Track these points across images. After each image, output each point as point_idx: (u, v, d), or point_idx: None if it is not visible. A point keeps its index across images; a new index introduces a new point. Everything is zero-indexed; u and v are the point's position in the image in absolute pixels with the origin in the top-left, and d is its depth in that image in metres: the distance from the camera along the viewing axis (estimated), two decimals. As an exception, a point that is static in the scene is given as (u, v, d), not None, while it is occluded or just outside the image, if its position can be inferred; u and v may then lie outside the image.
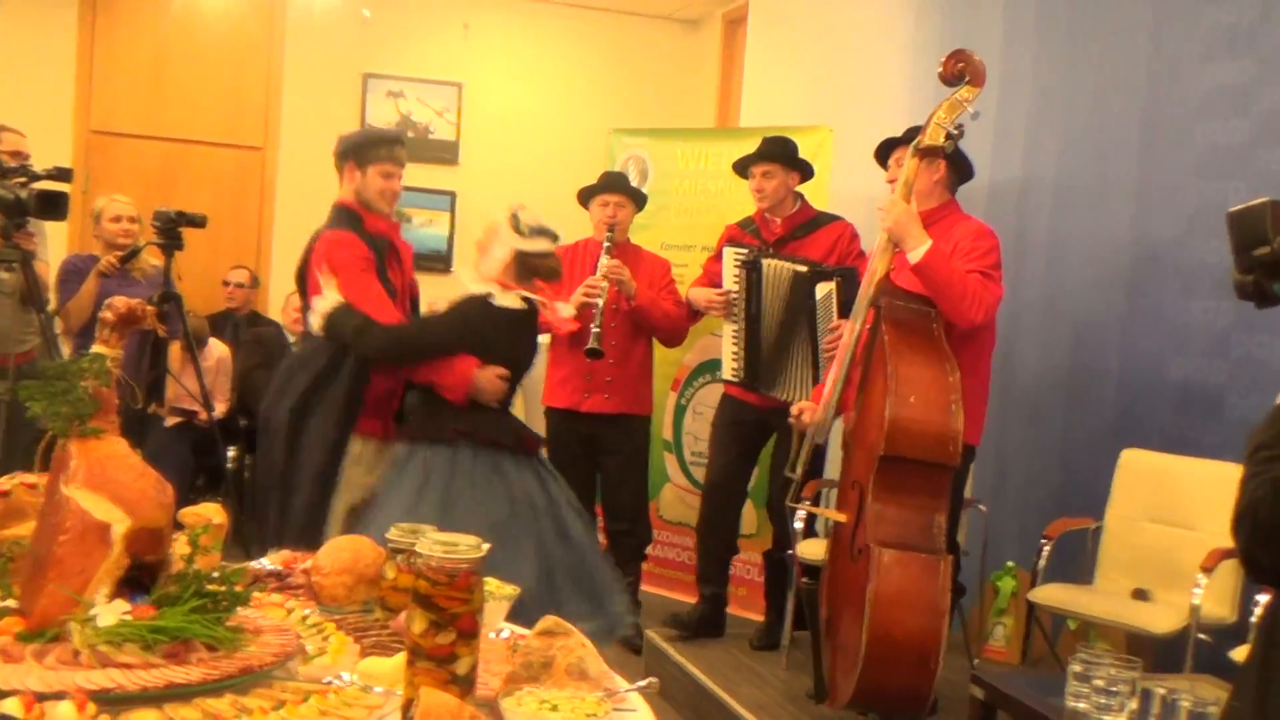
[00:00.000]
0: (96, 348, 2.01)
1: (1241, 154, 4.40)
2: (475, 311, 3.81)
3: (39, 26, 7.73)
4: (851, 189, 5.69)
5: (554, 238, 3.92)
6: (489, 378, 3.81)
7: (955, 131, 3.76)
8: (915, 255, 3.68)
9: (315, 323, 3.85)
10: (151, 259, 5.39)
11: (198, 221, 4.99)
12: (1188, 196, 4.64)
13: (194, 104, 8.03)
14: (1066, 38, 5.20)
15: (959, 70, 3.75)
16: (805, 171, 5.10)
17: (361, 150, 4.09)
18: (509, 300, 3.82)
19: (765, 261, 4.91)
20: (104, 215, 5.34)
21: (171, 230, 4.85)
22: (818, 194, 5.37)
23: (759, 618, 5.34)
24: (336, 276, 3.87)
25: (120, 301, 2.04)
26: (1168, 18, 4.76)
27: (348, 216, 4.06)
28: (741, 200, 5.40)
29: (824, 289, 4.70)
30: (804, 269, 4.85)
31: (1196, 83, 4.63)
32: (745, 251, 5.02)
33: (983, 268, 3.82)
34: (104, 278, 5.15)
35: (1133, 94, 4.87)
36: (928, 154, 3.82)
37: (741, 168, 5.09)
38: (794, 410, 4.15)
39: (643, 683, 1.96)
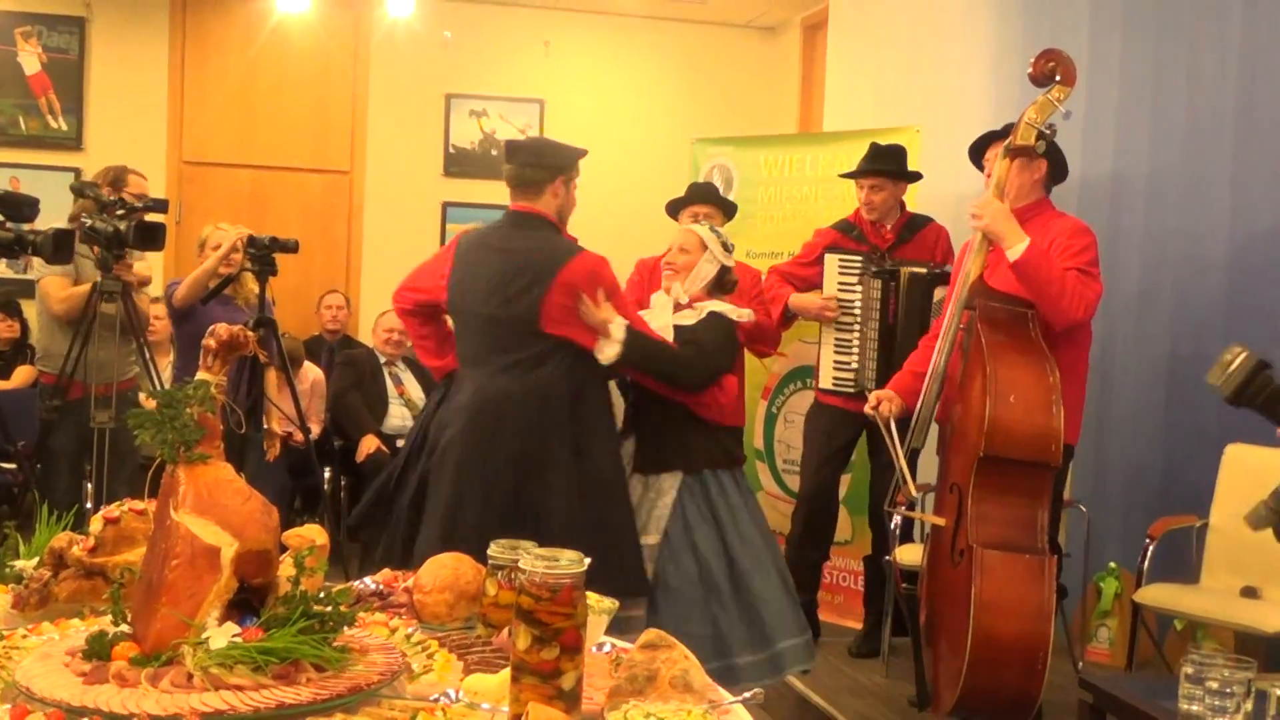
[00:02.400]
0: (200, 374, 2.04)
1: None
2: (731, 329, 3.89)
3: (132, 62, 7.94)
4: (938, 189, 5.62)
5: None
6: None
7: (1047, 131, 3.70)
8: (1014, 253, 3.63)
9: (612, 352, 3.60)
10: (253, 286, 5.48)
11: (290, 247, 5.05)
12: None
13: (282, 130, 8.19)
14: (1155, 28, 5.09)
15: (1050, 70, 3.69)
16: (914, 179, 5.07)
17: (573, 161, 3.84)
18: (743, 315, 3.94)
19: (905, 271, 4.84)
20: (208, 244, 5.40)
21: (265, 256, 4.92)
22: (906, 194, 5.32)
23: (856, 625, 5.30)
24: (613, 300, 3.67)
25: (223, 328, 2.07)
26: (1258, 2, 4.65)
27: (557, 232, 3.78)
28: (828, 205, 5.37)
29: (941, 292, 4.65)
30: (923, 271, 4.80)
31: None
32: (858, 259, 4.95)
33: (1080, 265, 3.74)
34: (209, 304, 5.20)
35: (1225, 82, 4.76)
36: (1019, 154, 3.76)
37: (852, 177, 5.07)
38: (871, 400, 4.07)
39: (747, 694, 1.95)
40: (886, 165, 4.99)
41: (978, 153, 4.15)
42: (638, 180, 8.09)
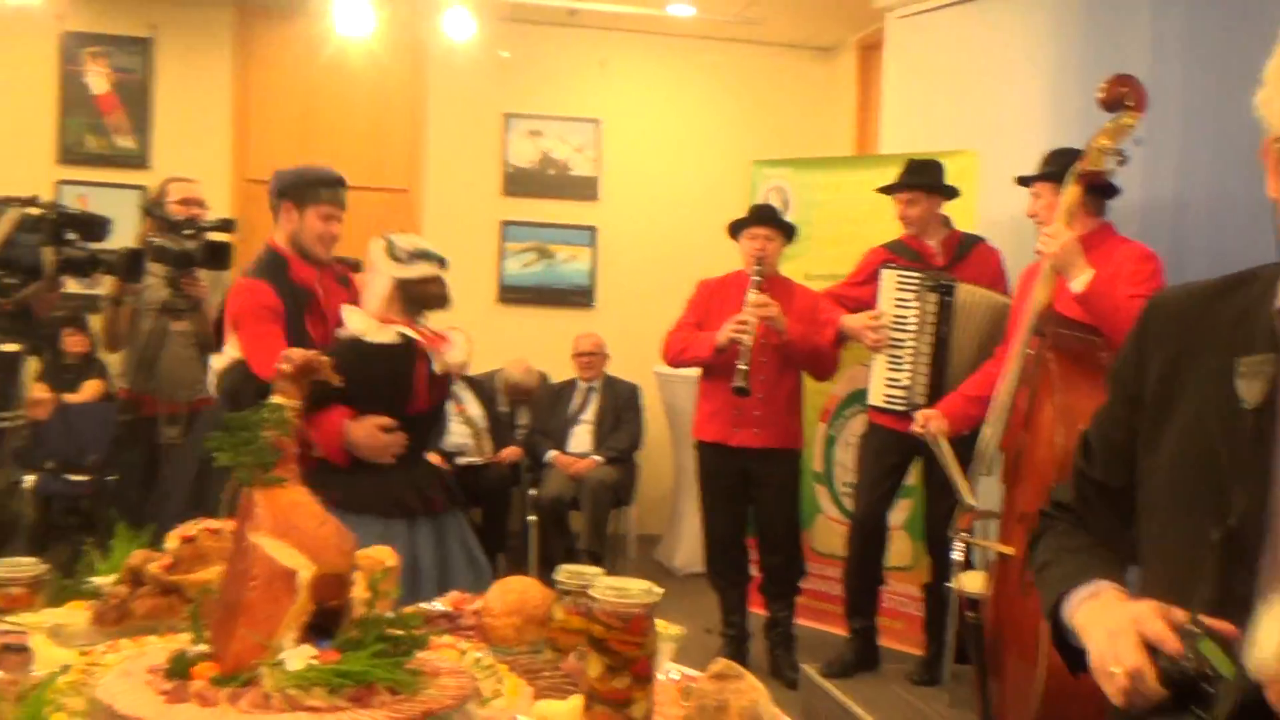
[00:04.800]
0: (276, 398, 2.07)
1: None
2: (346, 356, 3.28)
3: (197, 81, 8.06)
4: (998, 211, 5.58)
5: (439, 261, 3.66)
6: (368, 431, 3.47)
7: (1121, 157, 3.68)
8: (1078, 284, 3.61)
9: (211, 381, 3.62)
10: None
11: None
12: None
13: (343, 148, 8.27)
14: (1217, 49, 5.04)
15: (1120, 95, 3.67)
16: (949, 194, 5.03)
17: (302, 189, 3.78)
18: (383, 336, 3.50)
19: (961, 287, 4.81)
20: None
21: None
22: (965, 217, 5.30)
23: (917, 651, 5.25)
24: (239, 329, 3.61)
25: (297, 353, 2.10)
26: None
27: (271, 262, 3.78)
28: (885, 226, 5.35)
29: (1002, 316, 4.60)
30: (1006, 300, 4.72)
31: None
32: (919, 275, 4.91)
33: (1147, 292, 3.69)
34: None
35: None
36: (1090, 179, 3.74)
37: (887, 192, 5.05)
38: (919, 419, 4.04)
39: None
40: (920, 179, 4.97)
41: (1027, 181, 4.13)
42: (696, 200, 8.12)
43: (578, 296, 8.48)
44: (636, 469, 7.60)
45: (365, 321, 3.52)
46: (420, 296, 3.63)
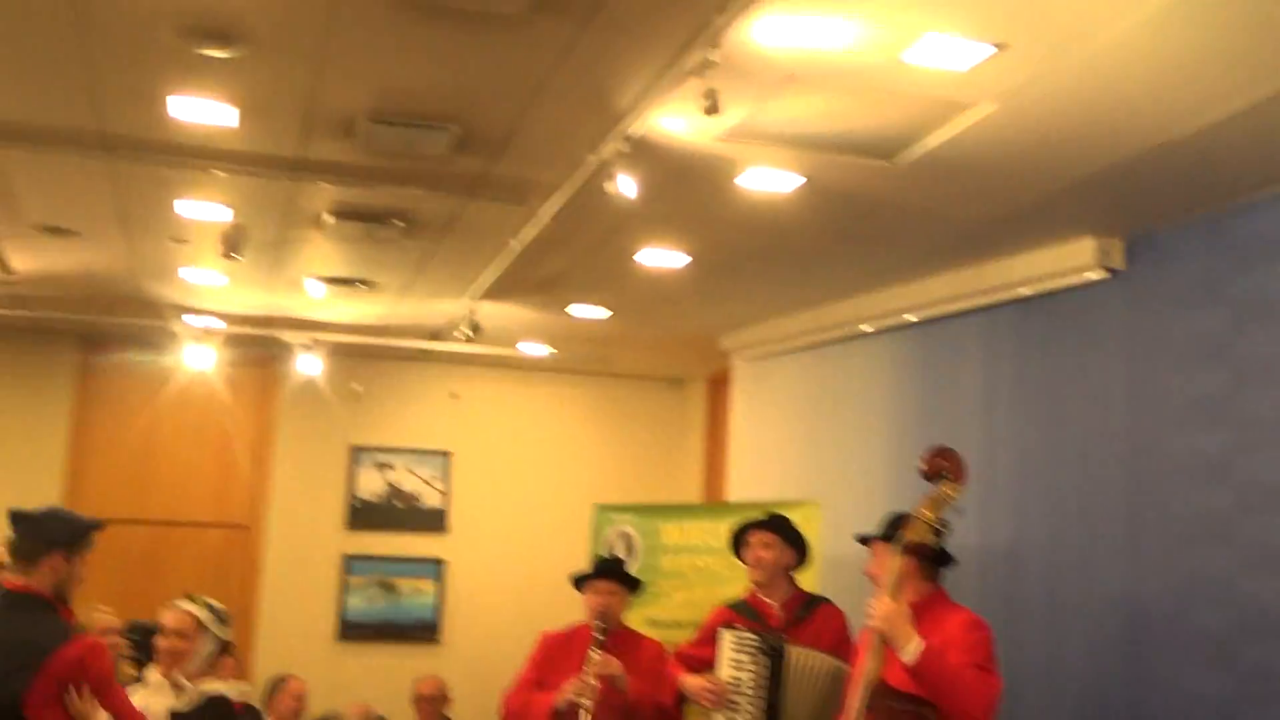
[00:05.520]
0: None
1: (1226, 522, 4.38)
2: (229, 711, 3.83)
3: (31, 415, 7.90)
4: (840, 554, 5.62)
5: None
6: None
7: (941, 528, 3.74)
8: (908, 655, 3.58)
9: None
10: (130, 670, 5.24)
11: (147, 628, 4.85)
12: (1178, 562, 4.60)
13: (182, 485, 8.12)
14: (1046, 403, 5.27)
15: (940, 468, 3.75)
16: (801, 552, 5.03)
17: (80, 538, 3.80)
18: (238, 691, 3.98)
19: (792, 651, 4.72)
20: (92, 629, 5.18)
21: (144, 643, 4.73)
22: (808, 570, 5.31)
23: None
24: (101, 692, 3.60)
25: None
26: (1141, 382, 4.85)
27: (47, 609, 3.71)
28: (732, 576, 5.34)
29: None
30: (844, 665, 4.62)
31: (1175, 446, 4.67)
32: (754, 638, 4.81)
33: (977, 660, 3.70)
34: None
35: (1114, 457, 4.90)
36: (913, 550, 3.77)
37: (739, 537, 5.02)
38: None
39: None
40: (778, 520, 4.99)
41: (866, 541, 4.16)
42: (542, 539, 8.13)
43: (422, 632, 8.24)
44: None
45: (214, 681, 3.98)
46: (229, 655, 4.29)
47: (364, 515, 8.37)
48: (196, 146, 4.51)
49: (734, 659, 4.82)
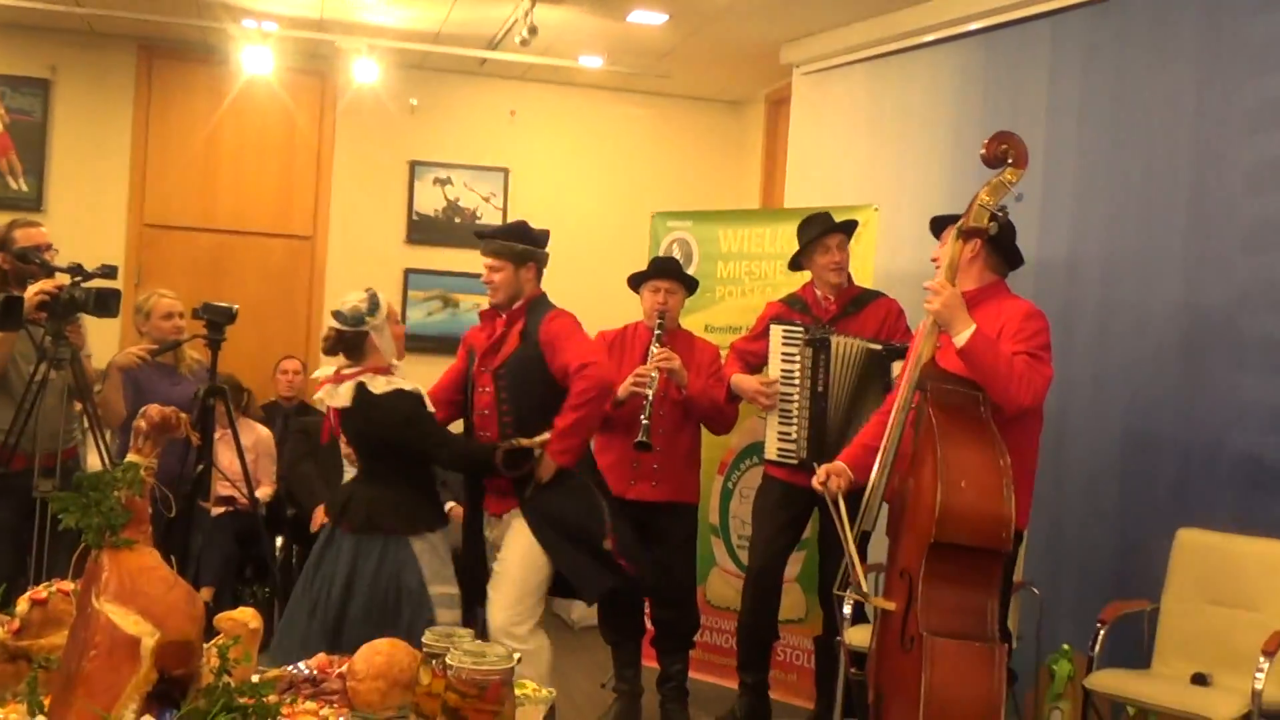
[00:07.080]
0: (130, 456, 2.00)
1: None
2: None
3: (95, 125, 7.91)
4: (896, 267, 5.66)
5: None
6: None
7: (999, 214, 3.73)
8: (960, 339, 3.63)
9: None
10: (194, 353, 5.41)
11: (226, 313, 4.95)
12: (1238, 270, 4.59)
13: (245, 195, 8.17)
14: (1111, 112, 5.17)
15: (1002, 152, 3.71)
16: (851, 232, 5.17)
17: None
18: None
19: (835, 339, 4.85)
20: (154, 313, 5.32)
21: (217, 324, 4.87)
22: (863, 272, 5.36)
23: (808, 705, 5.24)
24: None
25: (155, 410, 2.04)
26: (1212, 90, 4.73)
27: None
28: (787, 280, 5.39)
29: (899, 367, 4.63)
30: (878, 347, 4.79)
31: (1243, 155, 4.59)
32: (800, 329, 4.95)
33: (1031, 349, 3.74)
34: (152, 371, 5.13)
35: (1179, 167, 4.83)
36: (971, 235, 3.78)
37: (801, 252, 5.07)
38: (819, 475, 3.95)
39: None
40: (844, 222, 5.06)
41: (938, 229, 4.14)
42: (600, 250, 8.13)
43: (485, 346, 8.41)
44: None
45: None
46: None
47: (423, 229, 8.45)
48: None
49: (785, 353, 4.96)
